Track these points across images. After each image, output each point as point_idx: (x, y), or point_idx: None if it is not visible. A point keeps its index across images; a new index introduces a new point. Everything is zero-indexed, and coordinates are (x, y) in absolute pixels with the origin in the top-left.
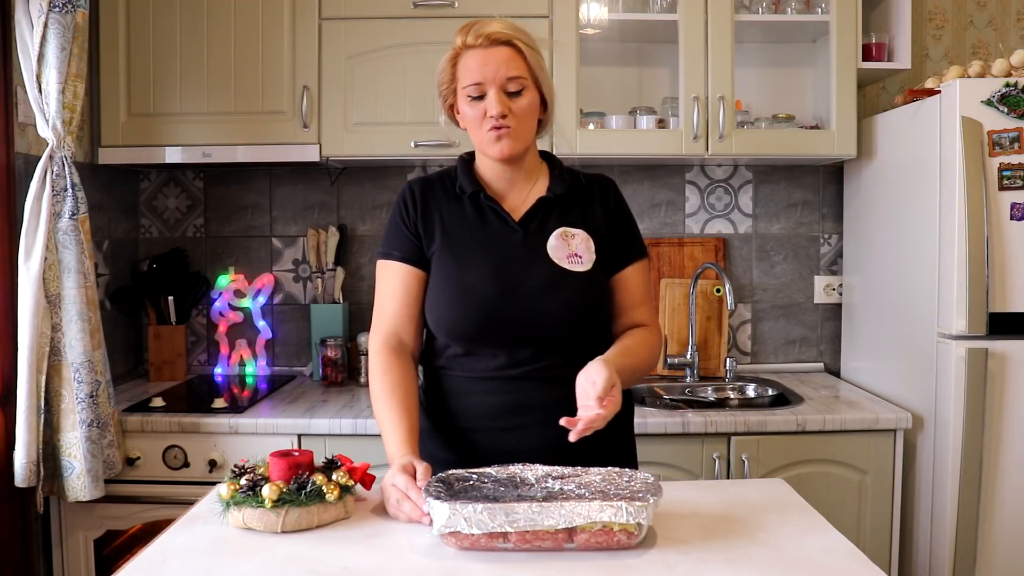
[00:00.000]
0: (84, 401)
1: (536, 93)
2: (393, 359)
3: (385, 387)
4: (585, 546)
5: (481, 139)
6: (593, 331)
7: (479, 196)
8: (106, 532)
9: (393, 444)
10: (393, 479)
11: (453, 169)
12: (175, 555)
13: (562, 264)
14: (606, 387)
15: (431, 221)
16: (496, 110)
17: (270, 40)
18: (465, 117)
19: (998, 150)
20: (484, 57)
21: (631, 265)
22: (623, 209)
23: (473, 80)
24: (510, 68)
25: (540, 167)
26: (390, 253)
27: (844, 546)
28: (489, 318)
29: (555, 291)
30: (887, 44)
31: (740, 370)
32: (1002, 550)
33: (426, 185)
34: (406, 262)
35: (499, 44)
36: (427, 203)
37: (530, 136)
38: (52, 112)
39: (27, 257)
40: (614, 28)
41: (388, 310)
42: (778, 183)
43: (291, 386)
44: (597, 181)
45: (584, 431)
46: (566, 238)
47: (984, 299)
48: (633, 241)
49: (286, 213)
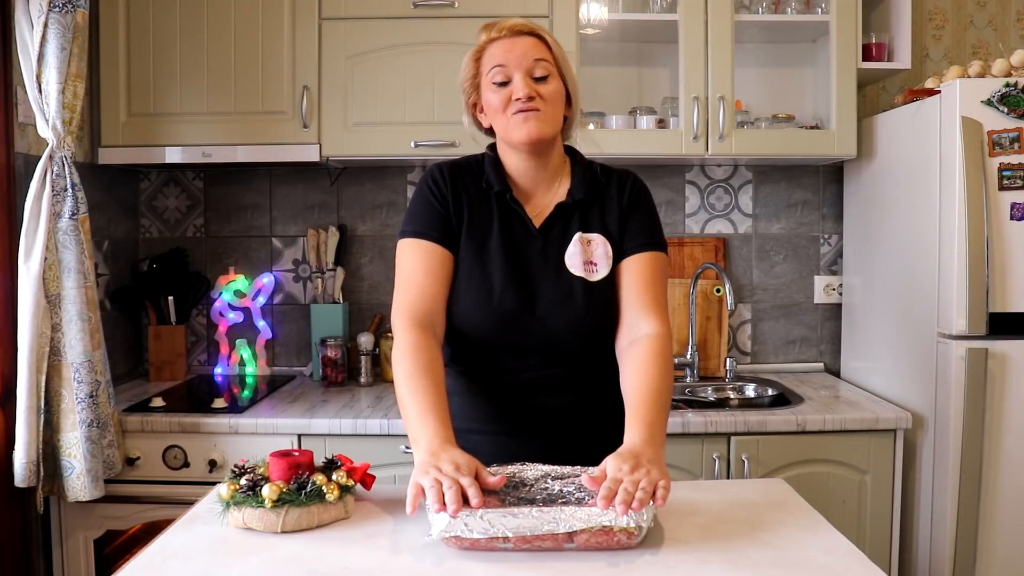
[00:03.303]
0: (84, 401)
1: (561, 83)
2: (426, 337)
3: (417, 366)
4: (585, 546)
5: (506, 124)
6: (604, 344)
7: (505, 196)
8: (106, 532)
9: (430, 426)
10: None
11: (480, 158)
12: (175, 555)
13: (578, 272)
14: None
15: (460, 207)
16: (523, 91)
17: (270, 40)
18: (490, 105)
19: (998, 150)
20: (509, 44)
21: (633, 255)
22: (637, 201)
23: (497, 63)
24: (536, 52)
25: (564, 166)
26: (422, 232)
27: (844, 546)
28: (505, 325)
29: (568, 304)
30: (887, 44)
31: (740, 370)
32: (1002, 550)
33: (456, 169)
34: (439, 243)
35: (523, 34)
36: (456, 188)
37: (558, 123)
38: (52, 112)
39: (27, 257)
40: (614, 28)
41: (420, 287)
42: (778, 183)
43: (291, 386)
44: (616, 176)
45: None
46: (584, 244)
47: (984, 299)
48: (640, 231)
49: (286, 213)
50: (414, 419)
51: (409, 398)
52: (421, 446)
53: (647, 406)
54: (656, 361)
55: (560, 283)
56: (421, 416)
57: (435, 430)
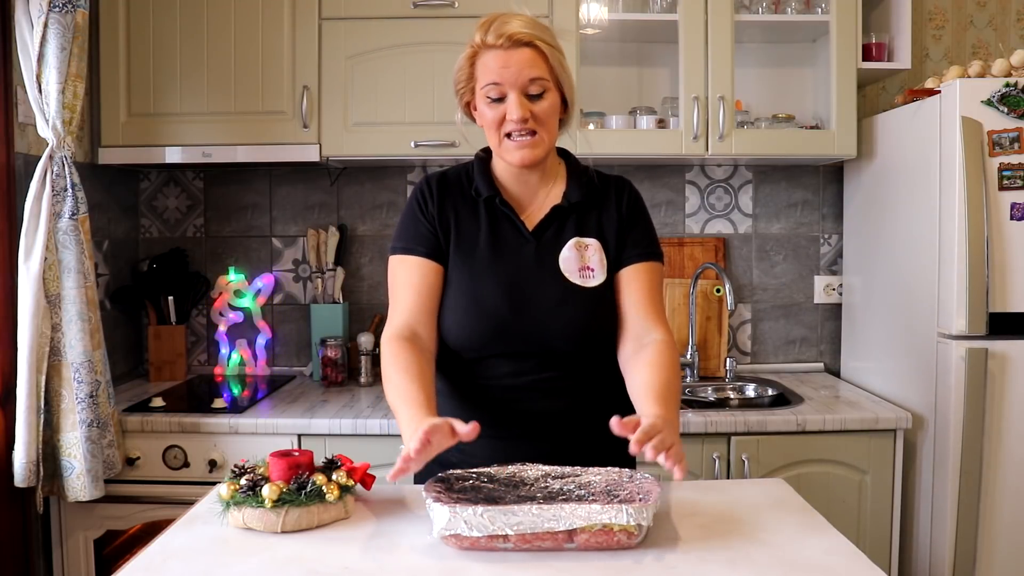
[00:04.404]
0: (84, 401)
1: (557, 94)
2: (405, 345)
3: (397, 366)
4: (585, 546)
5: (500, 144)
6: (600, 347)
7: (495, 201)
8: (106, 532)
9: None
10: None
11: (469, 167)
12: (175, 555)
13: (573, 278)
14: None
15: (447, 221)
16: (517, 114)
17: (270, 40)
18: (483, 118)
19: (998, 150)
20: (505, 59)
21: (633, 265)
22: (635, 210)
23: (492, 80)
24: (532, 70)
25: (558, 168)
26: (409, 248)
27: (844, 546)
28: (497, 331)
29: (563, 308)
30: (887, 44)
31: (740, 370)
32: (1002, 550)
33: (443, 181)
34: (426, 256)
35: (520, 45)
36: (443, 201)
37: (552, 140)
38: (52, 112)
39: (27, 257)
40: (614, 28)
41: (403, 303)
42: (778, 183)
43: (291, 386)
44: (613, 183)
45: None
46: (580, 249)
47: (984, 299)
48: (640, 241)
49: (286, 213)
50: (400, 416)
51: (390, 399)
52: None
53: (663, 397)
54: (667, 363)
55: (555, 286)
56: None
57: (412, 415)
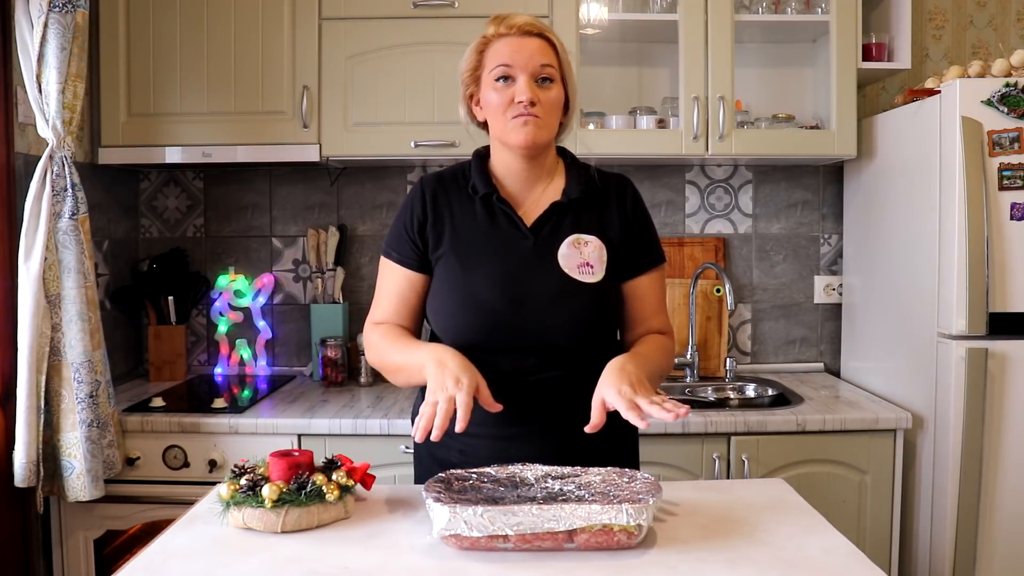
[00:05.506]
0: (84, 401)
1: (562, 90)
2: (386, 325)
3: (386, 337)
4: (585, 546)
5: (504, 126)
6: (600, 343)
7: (491, 198)
8: (106, 532)
9: (422, 348)
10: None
11: (467, 165)
12: (175, 555)
13: (572, 274)
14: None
15: (441, 223)
16: (526, 95)
17: (270, 40)
18: (489, 104)
19: (998, 150)
20: (517, 44)
21: (647, 273)
22: (640, 212)
23: (503, 62)
24: (543, 57)
25: (557, 166)
26: (390, 253)
27: (844, 546)
28: (494, 327)
29: (563, 303)
30: (887, 44)
31: (740, 370)
32: (1002, 550)
33: (438, 183)
34: (404, 266)
35: (532, 35)
36: (437, 204)
37: (555, 129)
38: (52, 112)
39: (27, 257)
40: (614, 28)
41: (383, 307)
42: (778, 183)
43: (291, 386)
44: (614, 181)
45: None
46: (578, 246)
47: (984, 299)
48: (649, 247)
49: (286, 213)
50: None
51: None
52: (429, 363)
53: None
54: (662, 344)
55: (553, 281)
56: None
57: (430, 348)
